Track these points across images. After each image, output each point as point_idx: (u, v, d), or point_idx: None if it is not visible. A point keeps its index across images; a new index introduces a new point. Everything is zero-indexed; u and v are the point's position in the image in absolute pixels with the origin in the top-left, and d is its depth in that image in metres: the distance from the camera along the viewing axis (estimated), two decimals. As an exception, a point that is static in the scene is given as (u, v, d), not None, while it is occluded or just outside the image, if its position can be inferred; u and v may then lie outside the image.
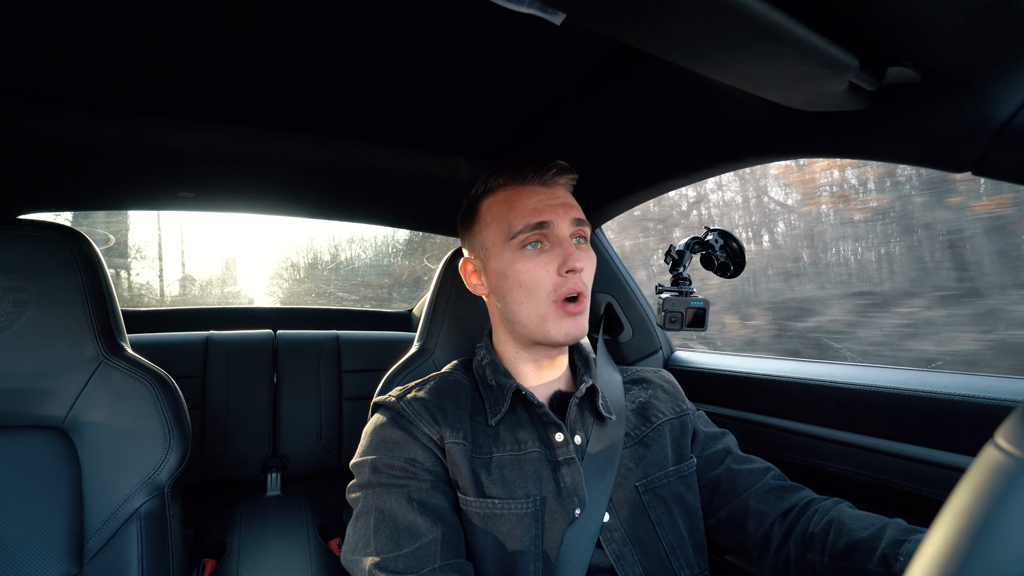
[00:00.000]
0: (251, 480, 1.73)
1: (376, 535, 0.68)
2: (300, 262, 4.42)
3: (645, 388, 0.92)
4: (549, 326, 0.77)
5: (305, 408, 1.80)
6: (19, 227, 0.94)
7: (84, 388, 0.93)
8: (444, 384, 0.84)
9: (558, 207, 0.79)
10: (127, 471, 0.91)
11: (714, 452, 0.87)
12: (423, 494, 0.72)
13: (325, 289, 4.27)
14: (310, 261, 4.44)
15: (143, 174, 1.14)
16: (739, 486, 0.83)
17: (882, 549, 0.65)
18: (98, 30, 0.72)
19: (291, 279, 4.43)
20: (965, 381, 0.80)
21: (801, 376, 1.02)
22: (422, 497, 0.71)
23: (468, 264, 0.88)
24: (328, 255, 4.44)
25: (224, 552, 1.46)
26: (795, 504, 0.79)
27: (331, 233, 4.44)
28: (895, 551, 0.64)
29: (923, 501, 0.80)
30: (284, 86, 0.90)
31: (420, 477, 0.73)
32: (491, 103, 0.98)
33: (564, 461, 0.77)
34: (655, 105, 0.87)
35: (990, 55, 0.50)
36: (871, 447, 0.87)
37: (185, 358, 1.71)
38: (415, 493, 0.71)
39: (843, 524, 0.72)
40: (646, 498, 0.79)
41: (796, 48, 0.49)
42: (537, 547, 0.72)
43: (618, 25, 0.48)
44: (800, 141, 0.74)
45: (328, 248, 4.43)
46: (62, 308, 0.92)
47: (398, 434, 0.76)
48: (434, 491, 0.73)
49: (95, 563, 0.87)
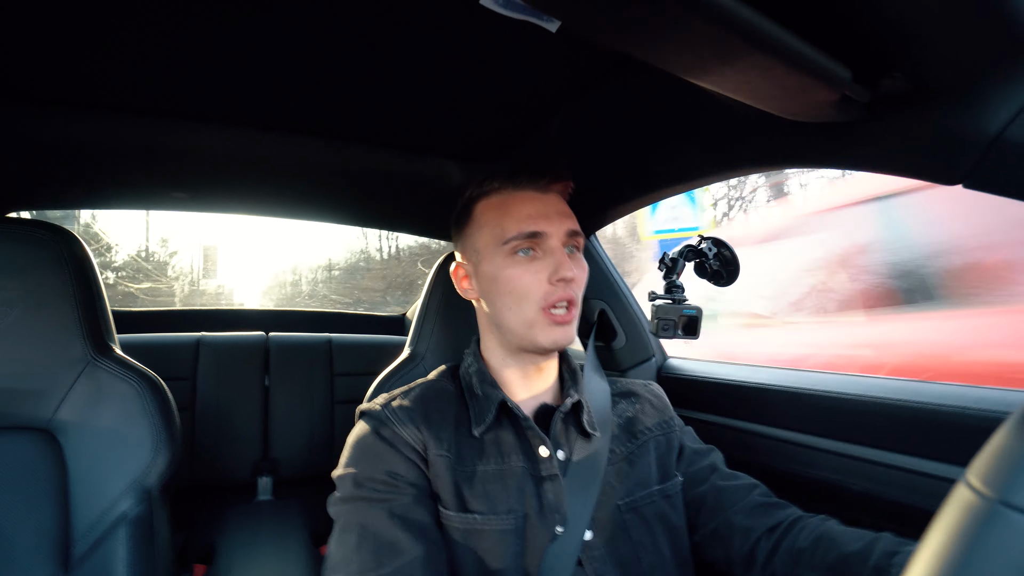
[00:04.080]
0: (242, 484, 1.71)
1: (358, 551, 0.67)
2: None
3: (633, 402, 0.91)
4: (536, 332, 0.77)
5: (297, 411, 1.78)
6: (7, 225, 0.93)
7: (71, 389, 0.92)
8: (430, 392, 0.83)
9: (553, 216, 0.79)
10: (114, 474, 0.90)
11: (700, 469, 0.86)
12: (405, 509, 0.71)
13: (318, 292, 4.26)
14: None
15: (135, 173, 1.13)
16: (724, 502, 0.82)
17: (874, 561, 0.64)
18: (90, 30, 0.72)
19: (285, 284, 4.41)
20: (958, 392, 0.80)
21: (795, 385, 1.02)
22: (404, 512, 0.70)
23: (460, 268, 0.87)
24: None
25: (214, 557, 1.44)
26: (782, 520, 0.78)
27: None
28: (888, 562, 0.63)
29: (915, 511, 0.80)
30: (278, 88, 0.90)
31: (402, 491, 0.72)
32: (484, 108, 0.98)
33: (547, 477, 0.76)
34: (648, 113, 0.87)
35: (983, 67, 0.50)
36: (863, 457, 0.87)
37: (175, 359, 1.70)
38: (397, 508, 0.70)
39: (832, 538, 0.71)
40: (627, 517, 0.78)
41: (789, 59, 0.50)
42: (518, 564, 0.71)
43: (612, 34, 0.48)
44: (792, 151, 0.75)
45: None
46: (50, 308, 0.91)
47: (380, 446, 0.75)
48: (416, 505, 0.72)
49: (81, 567, 0.86)
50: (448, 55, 0.80)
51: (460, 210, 0.88)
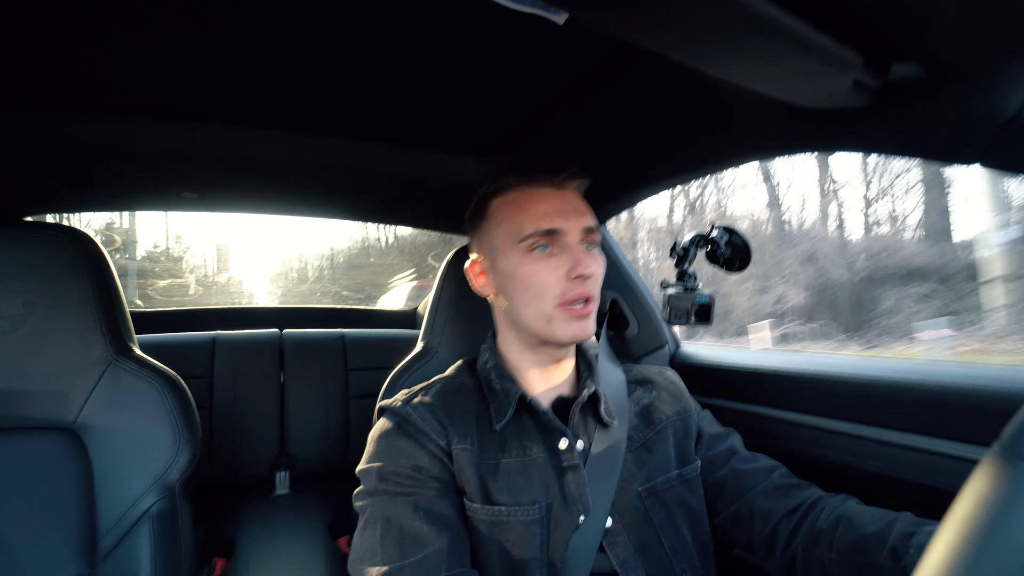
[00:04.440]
0: (259, 479, 1.74)
1: (383, 544, 0.69)
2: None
3: (649, 390, 0.91)
4: (555, 327, 0.77)
5: (312, 407, 1.80)
6: (26, 229, 0.94)
7: (94, 389, 0.93)
8: (450, 388, 0.84)
9: (569, 214, 0.78)
10: (138, 471, 0.92)
11: (719, 452, 0.87)
12: (429, 502, 0.72)
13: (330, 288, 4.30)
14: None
15: (148, 175, 1.14)
16: (744, 485, 0.83)
17: (892, 542, 0.65)
18: (101, 32, 0.73)
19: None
20: (974, 371, 0.80)
21: (808, 369, 1.02)
22: (428, 505, 0.71)
23: (475, 264, 0.87)
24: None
25: (234, 551, 1.47)
26: (802, 502, 0.79)
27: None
28: (905, 543, 0.63)
29: (933, 492, 0.80)
30: (290, 87, 0.90)
31: (426, 484, 0.73)
32: (496, 100, 0.98)
33: (569, 467, 0.77)
34: (659, 101, 0.86)
35: (995, 49, 0.49)
36: (879, 439, 0.87)
37: (192, 358, 1.72)
38: (421, 501, 0.71)
39: (851, 519, 0.71)
40: (648, 503, 0.79)
41: (800, 46, 0.49)
42: (543, 554, 0.72)
43: (621, 24, 0.48)
44: (804, 137, 0.74)
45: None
46: (71, 310, 0.93)
47: (404, 441, 0.76)
48: (440, 498, 0.73)
49: (107, 563, 0.88)
50: (455, 49, 0.80)
51: (475, 207, 0.87)
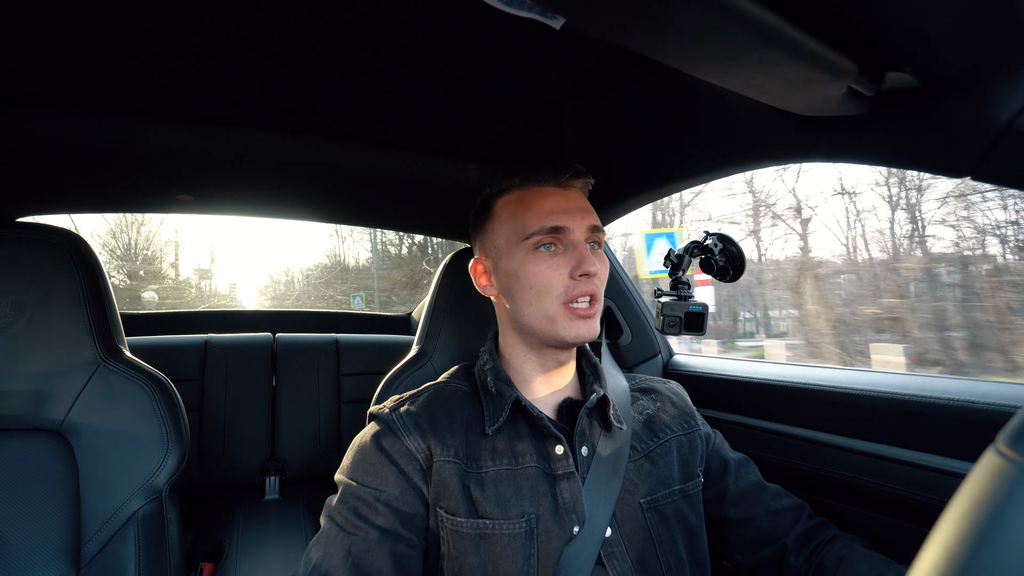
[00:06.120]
0: (249, 484, 1.72)
1: (313, 572, 0.69)
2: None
3: (653, 399, 0.90)
4: (559, 327, 0.76)
5: (304, 412, 1.79)
6: (18, 230, 0.94)
7: (82, 391, 0.92)
8: (439, 396, 0.83)
9: (575, 212, 0.78)
10: (124, 474, 0.91)
11: (749, 486, 0.88)
12: (362, 550, 0.70)
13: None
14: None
15: (142, 177, 1.14)
16: (779, 528, 0.84)
17: None
18: (97, 32, 0.72)
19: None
20: (965, 386, 0.80)
21: (800, 381, 1.01)
22: (359, 554, 0.70)
23: (478, 264, 0.86)
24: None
25: (222, 556, 1.45)
26: (820, 542, 0.81)
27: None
28: None
29: (924, 506, 0.79)
30: (288, 89, 0.90)
31: (371, 527, 0.71)
32: (497, 105, 0.98)
33: (563, 475, 0.75)
34: (656, 108, 0.87)
35: (989, 60, 0.50)
36: (871, 452, 0.86)
37: (184, 361, 1.71)
38: (355, 547, 0.70)
39: (851, 564, 0.74)
40: (649, 516, 0.78)
41: (795, 54, 0.50)
42: (532, 567, 0.70)
43: (617, 30, 0.48)
44: (800, 146, 0.74)
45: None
46: (61, 311, 0.92)
47: (378, 456, 0.75)
48: (378, 548, 0.70)
49: (92, 566, 0.87)
50: (457, 53, 0.80)
51: (479, 207, 0.87)
